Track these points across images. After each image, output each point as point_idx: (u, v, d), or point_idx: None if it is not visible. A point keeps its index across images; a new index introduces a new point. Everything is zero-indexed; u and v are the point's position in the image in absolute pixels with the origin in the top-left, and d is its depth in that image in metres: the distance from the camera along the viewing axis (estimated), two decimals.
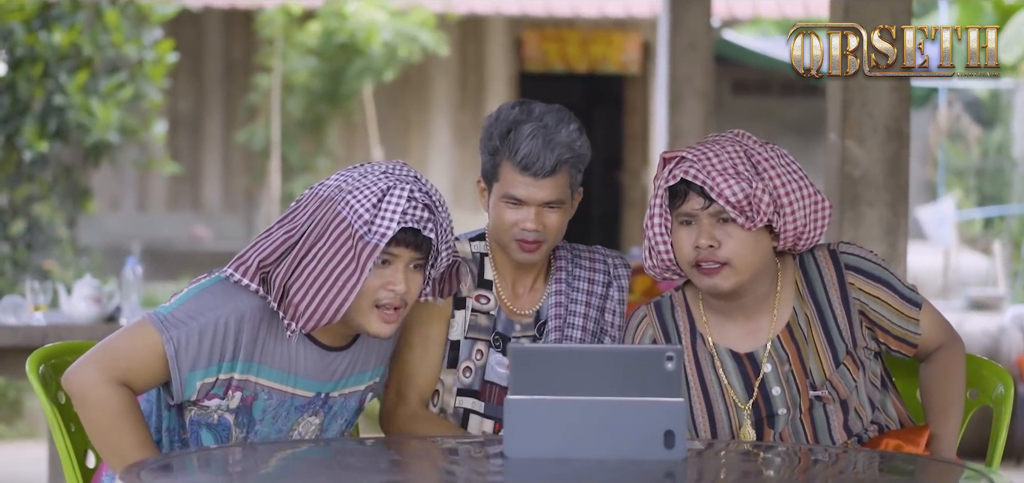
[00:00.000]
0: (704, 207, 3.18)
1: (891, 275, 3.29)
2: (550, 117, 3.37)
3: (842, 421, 3.24)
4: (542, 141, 3.33)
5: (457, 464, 2.87)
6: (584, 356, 2.73)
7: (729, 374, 3.28)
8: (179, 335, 3.04)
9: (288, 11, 13.00)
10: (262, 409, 3.12)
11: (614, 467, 2.65)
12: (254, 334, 3.07)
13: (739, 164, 3.17)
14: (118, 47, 10.14)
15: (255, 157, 13.68)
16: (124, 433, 3.02)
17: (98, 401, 3.02)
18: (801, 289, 3.28)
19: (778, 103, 15.35)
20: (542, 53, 14.41)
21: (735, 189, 3.14)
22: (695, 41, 8.47)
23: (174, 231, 13.86)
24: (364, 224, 3.00)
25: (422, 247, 3.07)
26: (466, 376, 3.44)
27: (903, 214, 4.97)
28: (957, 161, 15.08)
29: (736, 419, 3.26)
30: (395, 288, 3.05)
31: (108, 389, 3.01)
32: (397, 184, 3.05)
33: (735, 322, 3.29)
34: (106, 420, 3.02)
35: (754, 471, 2.86)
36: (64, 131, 10.00)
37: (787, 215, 3.18)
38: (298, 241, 3.04)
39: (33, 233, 10.32)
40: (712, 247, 3.17)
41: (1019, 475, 8.63)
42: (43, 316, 5.57)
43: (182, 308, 3.07)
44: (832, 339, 3.25)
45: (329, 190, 3.07)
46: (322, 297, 3.00)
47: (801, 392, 3.24)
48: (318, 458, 2.89)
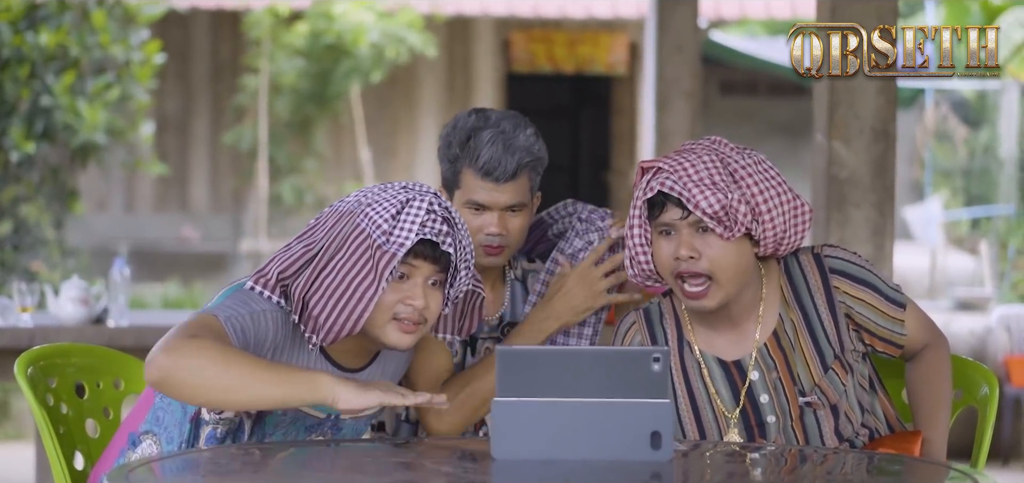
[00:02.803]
0: (682, 217, 3.18)
1: (875, 277, 3.29)
2: (507, 123, 3.42)
3: (833, 426, 3.25)
4: (502, 146, 3.38)
5: (445, 464, 2.88)
6: (570, 358, 2.74)
7: (716, 382, 3.29)
8: (231, 315, 2.97)
9: (275, 12, 13.00)
10: (275, 423, 3.13)
11: (601, 468, 2.66)
12: (283, 338, 3.07)
13: (715, 174, 3.16)
14: (105, 48, 10.13)
15: (242, 158, 13.67)
16: (236, 358, 2.87)
17: (190, 351, 2.86)
18: (787, 295, 3.28)
19: (765, 104, 15.37)
20: (530, 54, 14.42)
21: (711, 200, 3.14)
22: (682, 42, 8.47)
23: (161, 232, 13.85)
24: (382, 234, 3.00)
25: (441, 262, 3.06)
26: None
27: (889, 215, 4.98)
28: (944, 161, 15.11)
29: (724, 427, 3.27)
30: (413, 302, 3.04)
31: (191, 342, 2.87)
32: (416, 197, 3.06)
33: (721, 330, 3.30)
34: (211, 360, 2.85)
35: (740, 472, 2.87)
36: (51, 132, 9.99)
37: (766, 222, 3.18)
38: (317, 254, 3.04)
39: (20, 234, 10.31)
40: (693, 258, 3.17)
41: (1004, 475, 8.66)
42: (30, 318, 5.57)
43: (225, 305, 3.03)
44: (819, 344, 3.25)
45: (349, 205, 3.08)
46: (341, 308, 3.00)
47: (790, 399, 3.24)
48: (308, 455, 2.89)
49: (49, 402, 3.26)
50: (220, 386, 2.86)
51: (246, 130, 13.43)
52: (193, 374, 2.86)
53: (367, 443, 3.17)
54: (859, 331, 3.28)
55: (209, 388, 2.87)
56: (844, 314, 3.26)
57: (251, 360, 2.88)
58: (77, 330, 5.45)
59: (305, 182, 13.55)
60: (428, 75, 14.20)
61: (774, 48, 14.48)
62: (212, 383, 2.86)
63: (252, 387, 2.87)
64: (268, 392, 2.89)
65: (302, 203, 13.45)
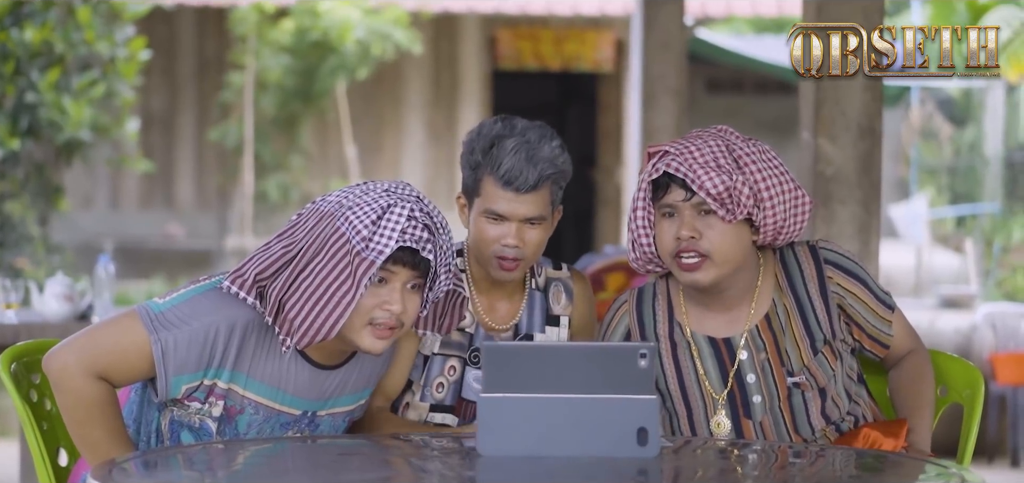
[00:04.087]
0: (686, 199, 3.22)
1: (867, 275, 3.34)
2: (533, 133, 3.35)
3: (820, 407, 3.28)
4: (525, 156, 3.31)
5: (430, 460, 2.87)
6: (557, 353, 2.74)
7: (705, 361, 3.31)
8: (168, 337, 3.01)
9: (261, 9, 12.98)
10: (247, 423, 3.11)
11: (587, 464, 2.65)
12: (245, 346, 3.05)
13: (721, 158, 3.22)
14: (90, 44, 10.10)
15: (228, 155, 13.66)
16: (97, 427, 3.00)
17: (74, 390, 3.00)
18: (781, 282, 3.32)
19: (751, 101, 15.39)
20: (516, 51, 14.41)
21: (716, 181, 3.18)
22: (669, 39, 8.48)
23: (147, 229, 13.82)
24: (362, 241, 2.97)
25: (420, 267, 3.03)
26: (438, 391, 3.42)
27: (876, 212, 4.99)
28: (929, 159, 15.14)
29: (711, 408, 3.28)
30: (391, 307, 3.01)
31: (85, 381, 3.00)
32: (398, 202, 3.01)
33: (714, 312, 3.33)
34: (81, 411, 3.01)
35: (728, 468, 2.86)
36: (36, 129, 9.97)
37: (767, 209, 3.22)
38: (296, 256, 3.02)
39: (4, 231, 10.29)
40: (693, 238, 3.21)
41: (989, 474, 8.67)
42: (15, 314, 5.55)
43: (175, 310, 3.04)
44: (810, 328, 3.29)
45: (330, 206, 3.04)
46: (317, 313, 2.98)
47: (778, 380, 3.27)
48: (289, 454, 2.88)
49: (33, 398, 3.25)
50: (71, 433, 3.06)
51: (231, 127, 13.41)
52: (61, 407, 3.05)
53: (352, 440, 3.16)
54: (850, 325, 3.32)
55: (66, 426, 3.07)
56: (837, 304, 3.31)
57: (101, 436, 3.02)
58: (62, 326, 5.42)
59: (291, 179, 13.53)
60: (414, 72, 14.19)
61: (760, 46, 14.50)
62: (68, 427, 3.06)
63: (90, 457, 3.03)
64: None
65: (288, 200, 13.44)
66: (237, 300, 3.04)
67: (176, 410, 3.10)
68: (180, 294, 3.08)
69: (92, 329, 3.06)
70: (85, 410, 3.00)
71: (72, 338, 3.05)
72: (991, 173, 14.31)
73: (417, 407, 3.42)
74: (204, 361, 3.03)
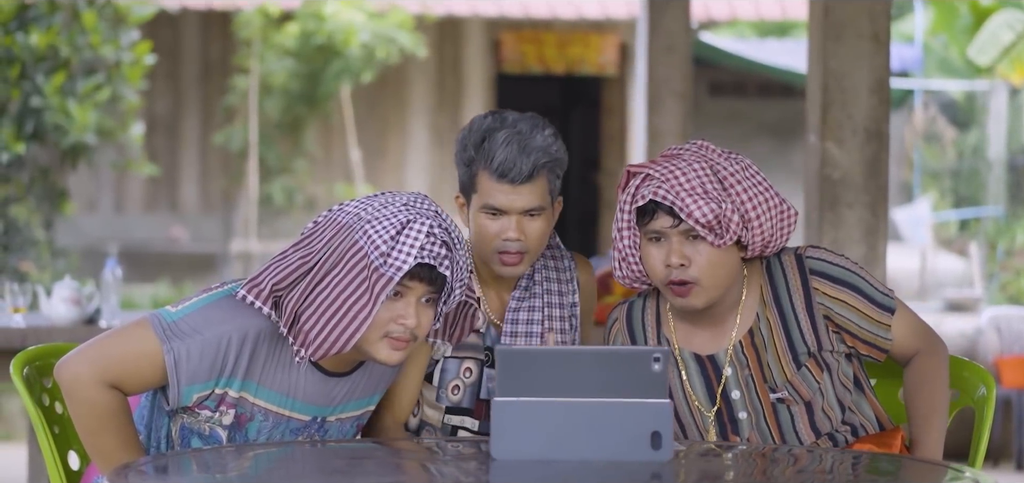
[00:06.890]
0: (673, 225, 3.18)
1: (861, 279, 3.28)
2: (524, 124, 3.34)
3: (808, 421, 3.26)
4: (517, 147, 3.29)
5: (444, 464, 2.87)
6: (571, 358, 2.74)
7: (692, 378, 3.30)
8: (180, 347, 3.01)
9: (266, 12, 12.99)
10: (257, 429, 3.11)
11: (601, 468, 2.66)
12: (257, 355, 3.05)
13: (707, 182, 3.18)
14: (95, 48, 10.11)
15: (232, 158, 13.66)
16: (110, 435, 3.01)
17: (86, 399, 3.01)
18: (765, 295, 3.29)
19: (754, 105, 15.39)
20: (520, 54, 14.42)
21: (705, 209, 3.15)
22: (673, 43, 8.48)
23: (151, 233, 13.83)
24: (380, 256, 2.96)
25: (436, 282, 3.02)
26: (454, 394, 3.41)
27: (883, 216, 4.99)
28: (933, 163, 15.14)
29: (701, 424, 3.28)
30: (405, 322, 3.00)
31: (97, 390, 3.00)
32: (417, 218, 3.00)
33: (701, 327, 3.31)
34: (93, 420, 3.01)
35: (744, 471, 2.87)
36: (41, 132, 9.98)
37: (755, 228, 3.20)
38: (313, 267, 3.01)
39: (10, 235, 10.29)
40: (683, 265, 3.18)
41: (995, 476, 8.68)
42: (23, 318, 5.55)
43: (187, 319, 3.04)
44: (793, 343, 3.25)
45: (348, 217, 3.02)
46: (333, 327, 2.97)
47: (762, 396, 3.25)
48: (302, 458, 2.89)
49: (44, 402, 3.25)
50: (83, 441, 3.07)
51: (236, 130, 13.41)
52: (73, 415, 3.05)
53: (365, 444, 3.16)
54: (841, 333, 3.27)
55: (79, 434, 3.07)
56: (823, 315, 3.26)
57: (113, 445, 3.03)
58: (70, 330, 5.42)
59: (295, 182, 13.54)
60: (418, 75, 14.20)
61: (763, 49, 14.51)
62: (80, 435, 3.06)
63: (102, 466, 3.05)
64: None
65: (292, 203, 13.44)
66: (250, 309, 3.04)
67: (186, 418, 3.10)
68: (192, 303, 3.08)
69: (103, 338, 3.06)
70: (97, 419, 3.01)
71: (84, 347, 3.05)
72: (994, 176, 14.31)
73: (434, 407, 3.42)
74: (216, 371, 3.03)
